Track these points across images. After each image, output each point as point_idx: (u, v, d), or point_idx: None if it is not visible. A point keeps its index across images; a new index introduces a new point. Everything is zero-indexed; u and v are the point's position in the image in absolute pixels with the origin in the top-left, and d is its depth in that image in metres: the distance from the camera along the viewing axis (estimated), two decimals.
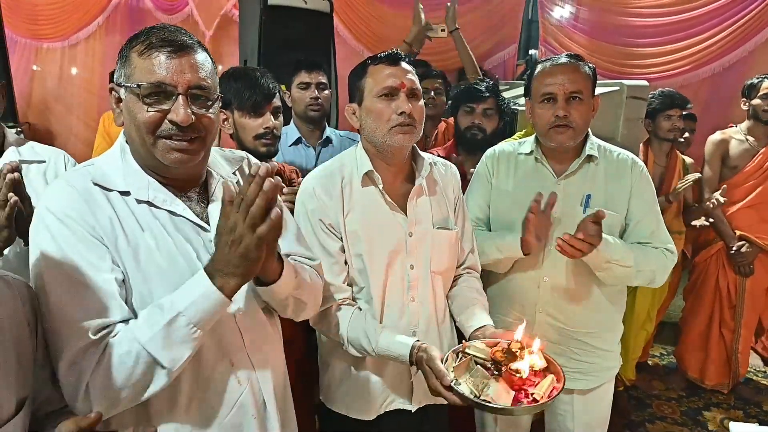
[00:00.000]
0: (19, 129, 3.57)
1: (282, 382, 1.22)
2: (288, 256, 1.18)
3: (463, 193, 1.64)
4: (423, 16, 3.04)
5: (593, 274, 1.61)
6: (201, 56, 1.02)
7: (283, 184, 1.78)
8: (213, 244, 0.98)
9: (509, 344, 1.22)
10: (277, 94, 1.71)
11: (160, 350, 0.92)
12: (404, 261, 1.44)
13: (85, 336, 0.91)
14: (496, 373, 1.17)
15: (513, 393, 1.13)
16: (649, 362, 3.52)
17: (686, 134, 3.21)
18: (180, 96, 0.97)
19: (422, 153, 1.50)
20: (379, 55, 1.43)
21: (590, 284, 1.65)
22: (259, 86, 1.64)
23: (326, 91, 2.29)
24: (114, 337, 0.93)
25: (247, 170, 1.23)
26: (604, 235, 1.50)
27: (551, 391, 1.14)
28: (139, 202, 1.02)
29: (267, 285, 1.08)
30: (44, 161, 1.64)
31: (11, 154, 1.56)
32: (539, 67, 1.66)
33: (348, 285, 1.44)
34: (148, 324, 0.93)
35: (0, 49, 3.53)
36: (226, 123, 1.68)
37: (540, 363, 1.19)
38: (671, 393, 3.18)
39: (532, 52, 4.23)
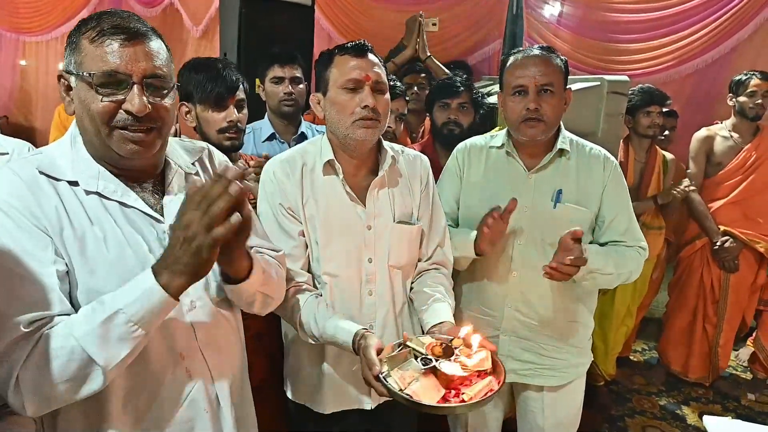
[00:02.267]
0: None
1: (239, 376, 1.20)
2: (251, 248, 1.15)
3: None
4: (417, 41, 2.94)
5: None
6: (156, 44, 0.99)
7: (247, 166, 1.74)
8: (166, 236, 0.96)
9: (451, 341, 1.19)
10: (241, 86, 1.67)
11: (95, 347, 0.89)
12: (362, 254, 1.42)
13: (16, 328, 0.88)
14: (424, 367, 1.12)
15: (443, 391, 1.09)
16: (631, 357, 3.53)
17: (666, 132, 3.21)
18: (135, 85, 0.95)
19: (387, 145, 1.48)
20: (345, 45, 1.39)
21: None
22: (221, 78, 1.60)
23: (301, 86, 2.24)
24: (50, 329, 0.90)
25: (207, 162, 1.20)
26: (583, 247, 1.48)
27: (485, 393, 1.09)
28: (88, 192, 0.99)
29: (236, 283, 1.06)
30: (7, 153, 1.60)
31: None
32: (511, 59, 1.63)
33: (308, 271, 1.42)
34: (86, 319, 0.90)
35: None
36: (188, 116, 1.65)
37: (471, 363, 1.13)
38: (652, 388, 3.20)
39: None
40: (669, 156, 3.00)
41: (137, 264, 0.97)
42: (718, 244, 2.94)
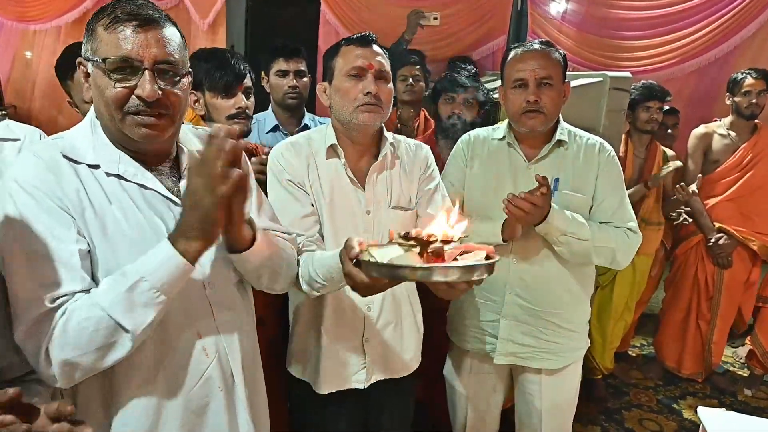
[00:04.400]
0: (4, 112, 3.55)
1: (251, 356, 1.23)
2: (263, 229, 1.17)
3: None
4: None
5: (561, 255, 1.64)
6: (168, 30, 1.01)
7: (245, 144, 1.76)
8: None
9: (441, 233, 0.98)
10: (248, 74, 1.71)
11: (123, 314, 0.93)
12: (361, 237, 1.45)
13: (42, 304, 0.92)
14: (407, 243, 0.97)
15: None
16: (630, 352, 3.57)
17: (669, 129, 3.23)
18: (146, 71, 0.96)
19: (388, 134, 1.52)
20: (352, 37, 1.45)
21: (557, 265, 1.68)
22: (230, 66, 1.64)
23: (305, 79, 2.28)
24: (73, 303, 0.94)
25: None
26: (559, 208, 1.54)
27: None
28: (108, 175, 1.02)
29: (240, 252, 1.09)
30: (19, 139, 1.64)
31: None
32: (511, 53, 1.69)
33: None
34: (110, 290, 0.94)
35: None
36: (197, 104, 1.68)
37: (453, 233, 0.96)
38: (649, 382, 3.24)
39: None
40: (670, 152, 3.03)
41: (156, 243, 0.99)
42: (712, 240, 2.96)
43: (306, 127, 2.31)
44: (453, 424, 1.97)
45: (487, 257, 0.97)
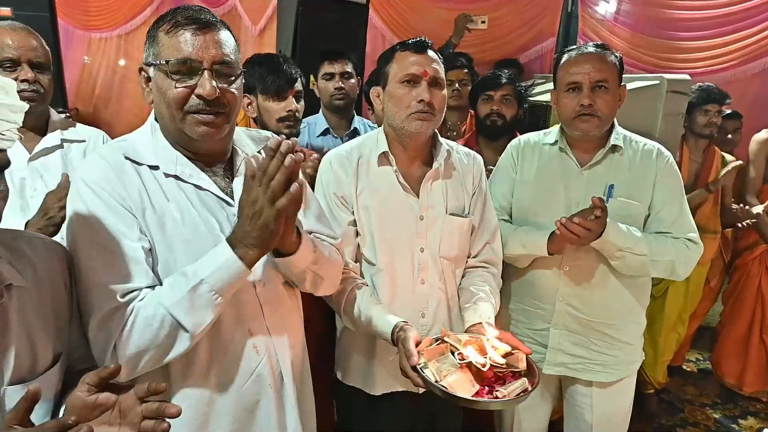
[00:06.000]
0: (68, 114, 3.75)
1: (300, 356, 1.26)
2: (310, 233, 1.21)
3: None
4: None
5: None
6: (224, 33, 1.06)
7: (303, 156, 1.80)
8: (236, 218, 1.02)
9: (482, 340, 1.22)
10: (299, 79, 1.75)
11: (184, 314, 0.98)
12: (414, 243, 1.46)
13: (113, 299, 0.97)
14: (460, 362, 1.15)
15: (477, 387, 1.11)
16: (684, 367, 3.41)
17: (729, 134, 3.08)
18: (205, 71, 1.01)
19: (443, 140, 1.52)
20: (407, 42, 1.46)
21: (611, 274, 1.63)
22: (282, 71, 1.70)
23: (352, 80, 2.31)
24: (141, 300, 0.99)
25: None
26: (614, 222, 1.49)
27: (519, 394, 1.11)
28: (167, 176, 1.07)
29: (285, 257, 1.11)
30: (84, 141, 1.72)
31: (56, 135, 1.65)
32: (565, 57, 1.65)
33: (355, 261, 1.47)
34: (172, 290, 0.99)
35: (53, 38, 3.70)
36: (249, 107, 1.74)
37: (499, 358, 1.16)
38: (705, 399, 3.09)
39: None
40: (729, 157, 2.88)
41: (210, 242, 1.04)
42: None
43: (356, 131, 2.35)
44: None
45: (528, 364, 1.19)
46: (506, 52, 4.03)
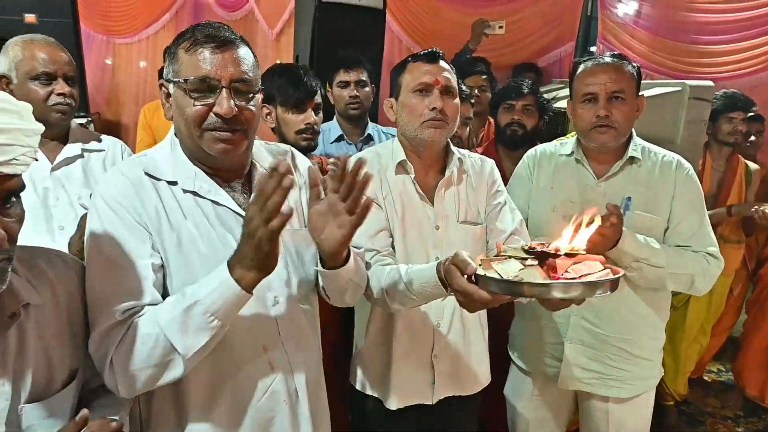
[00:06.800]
0: (90, 119, 3.81)
1: (315, 370, 1.25)
2: None
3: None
4: None
5: None
6: (243, 51, 1.06)
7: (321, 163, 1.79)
8: None
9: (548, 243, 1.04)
10: (319, 91, 1.76)
11: (176, 334, 0.96)
12: (430, 252, 1.46)
13: (113, 316, 0.98)
14: (532, 260, 0.98)
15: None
16: (705, 378, 3.34)
17: (752, 138, 3.00)
18: (224, 89, 1.02)
19: (454, 148, 1.52)
20: (419, 53, 1.48)
21: (627, 288, 1.60)
22: (302, 83, 1.70)
23: (366, 89, 2.32)
24: (139, 317, 0.99)
25: (290, 162, 1.24)
26: (631, 232, 1.47)
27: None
28: (185, 191, 1.08)
29: (335, 269, 1.12)
30: (103, 150, 1.75)
31: (77, 145, 1.68)
32: (581, 67, 1.63)
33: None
34: (169, 308, 0.98)
35: (75, 43, 3.78)
36: (268, 117, 1.74)
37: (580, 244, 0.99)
38: (727, 411, 3.02)
39: (591, 49, 4.10)
40: (753, 166, 2.82)
41: (226, 259, 1.02)
42: None
43: (370, 137, 2.36)
44: None
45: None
46: (525, 56, 4.00)
